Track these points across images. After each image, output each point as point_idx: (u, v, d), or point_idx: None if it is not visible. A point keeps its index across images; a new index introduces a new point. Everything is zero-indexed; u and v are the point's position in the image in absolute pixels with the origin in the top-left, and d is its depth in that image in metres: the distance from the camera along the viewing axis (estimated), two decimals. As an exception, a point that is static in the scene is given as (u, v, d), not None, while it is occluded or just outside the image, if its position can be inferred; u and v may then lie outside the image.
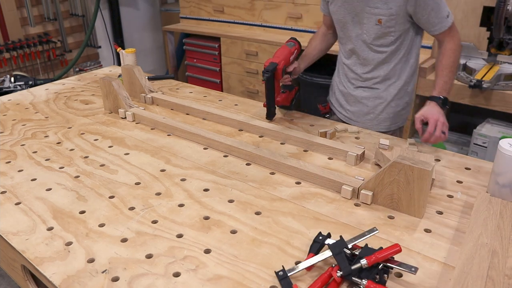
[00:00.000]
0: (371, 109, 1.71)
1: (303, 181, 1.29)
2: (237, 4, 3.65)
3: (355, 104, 1.74)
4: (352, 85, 1.73)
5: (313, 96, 2.42)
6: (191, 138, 1.56)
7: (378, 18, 1.51)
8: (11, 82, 2.64)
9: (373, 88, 1.68)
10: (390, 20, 1.50)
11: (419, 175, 1.06)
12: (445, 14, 1.49)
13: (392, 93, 1.67)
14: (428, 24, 1.51)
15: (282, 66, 1.57)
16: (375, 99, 1.69)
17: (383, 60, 1.61)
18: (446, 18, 1.49)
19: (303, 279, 0.92)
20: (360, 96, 1.71)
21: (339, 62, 1.81)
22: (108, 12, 4.35)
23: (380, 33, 1.54)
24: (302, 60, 1.81)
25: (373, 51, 1.61)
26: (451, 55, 1.52)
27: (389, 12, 1.49)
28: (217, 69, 3.83)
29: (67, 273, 0.95)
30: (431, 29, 1.52)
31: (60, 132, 1.67)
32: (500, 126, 2.56)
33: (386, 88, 1.66)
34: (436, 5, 1.46)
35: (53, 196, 1.24)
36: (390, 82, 1.65)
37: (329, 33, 1.82)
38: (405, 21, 1.52)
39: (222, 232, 1.07)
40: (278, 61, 1.57)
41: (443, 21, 1.49)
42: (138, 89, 1.97)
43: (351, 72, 1.71)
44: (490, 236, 0.99)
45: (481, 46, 2.68)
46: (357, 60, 1.66)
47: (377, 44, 1.58)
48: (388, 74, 1.63)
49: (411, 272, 0.88)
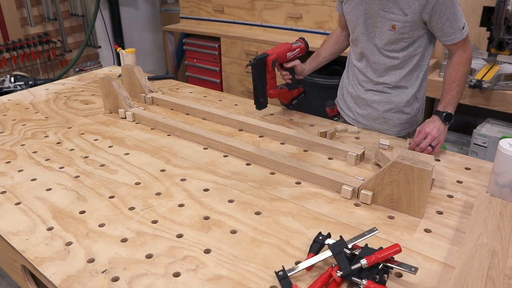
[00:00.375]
0: (381, 113, 1.66)
1: (303, 181, 1.29)
2: (237, 4, 3.65)
3: (364, 107, 1.69)
4: (362, 88, 1.68)
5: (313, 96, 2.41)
6: (191, 138, 1.56)
7: (393, 24, 1.47)
8: (11, 82, 2.64)
9: (384, 93, 1.63)
10: (405, 26, 1.46)
11: (419, 175, 1.06)
12: (461, 25, 1.44)
13: (404, 99, 1.62)
14: (442, 34, 1.47)
15: (273, 58, 1.59)
16: (386, 104, 1.64)
17: (395, 66, 1.56)
18: (461, 29, 1.45)
19: (303, 279, 0.92)
20: (371, 100, 1.66)
21: (349, 63, 1.76)
22: (108, 12, 4.35)
23: (393, 39, 1.50)
24: (311, 60, 1.78)
25: (384, 56, 1.56)
26: (461, 69, 1.48)
27: (404, 18, 1.44)
28: (217, 69, 3.83)
29: (67, 273, 0.95)
30: (444, 38, 1.48)
31: (60, 132, 1.67)
32: (500, 126, 2.56)
33: (397, 94, 1.62)
34: (452, 15, 1.42)
35: (53, 196, 1.24)
36: (402, 88, 1.61)
37: (343, 35, 1.77)
38: (420, 28, 1.47)
39: (222, 232, 1.07)
40: (270, 53, 1.60)
41: (457, 32, 1.45)
42: (138, 89, 1.97)
43: (361, 75, 1.66)
44: (490, 236, 0.99)
45: (481, 46, 2.68)
46: (367, 64, 1.62)
47: (389, 50, 1.54)
48: (400, 81, 1.59)
49: (411, 272, 0.88)
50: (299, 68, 1.69)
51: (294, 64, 1.67)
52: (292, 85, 1.73)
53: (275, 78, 1.68)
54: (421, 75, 1.61)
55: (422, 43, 1.53)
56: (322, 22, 3.21)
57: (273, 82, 1.67)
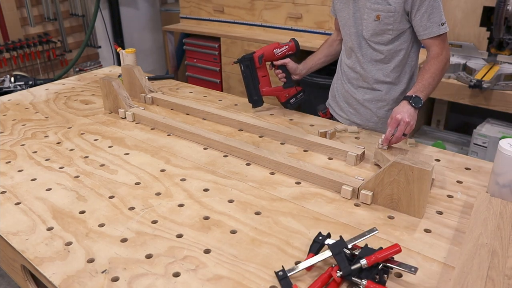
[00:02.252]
0: (374, 112, 1.70)
1: (303, 181, 1.29)
2: (237, 4, 3.65)
3: (357, 107, 1.73)
4: (352, 86, 1.72)
5: (313, 96, 2.41)
6: (191, 138, 1.56)
7: (377, 14, 1.52)
8: (11, 82, 2.63)
9: (374, 90, 1.67)
10: (388, 16, 1.51)
11: (419, 175, 1.06)
12: (440, 21, 1.47)
13: (394, 96, 1.66)
14: (420, 27, 1.50)
15: (259, 54, 1.70)
16: (377, 102, 1.68)
17: (381, 60, 1.61)
18: (438, 25, 1.47)
19: (303, 279, 0.92)
20: (362, 99, 1.70)
21: (340, 64, 1.81)
22: (108, 12, 4.35)
23: (378, 29, 1.55)
24: (306, 61, 1.83)
25: (371, 48, 1.61)
26: (436, 64, 1.48)
27: (387, 8, 1.49)
28: (217, 69, 3.83)
29: (67, 273, 0.95)
30: (421, 32, 1.50)
31: (60, 132, 1.67)
32: (500, 126, 2.56)
33: (387, 91, 1.65)
34: (431, 8, 1.46)
35: (53, 196, 1.24)
36: (391, 85, 1.65)
37: (338, 38, 1.82)
38: (404, 20, 1.52)
39: (222, 232, 1.07)
40: (257, 51, 1.71)
41: (434, 26, 1.47)
42: (138, 89, 1.97)
43: (351, 72, 1.71)
44: (490, 236, 0.99)
45: (481, 46, 2.68)
46: (356, 59, 1.66)
47: (375, 41, 1.58)
48: (388, 76, 1.63)
49: (411, 272, 0.88)
50: (291, 66, 1.74)
51: (284, 62, 1.73)
52: (287, 83, 1.76)
53: (267, 76, 1.75)
54: (409, 71, 1.64)
55: (407, 38, 1.57)
56: (322, 22, 3.21)
57: (265, 80, 1.74)
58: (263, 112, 1.79)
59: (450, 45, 2.67)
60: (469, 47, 2.69)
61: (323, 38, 2.54)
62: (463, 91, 2.49)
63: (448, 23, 1.60)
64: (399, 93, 1.66)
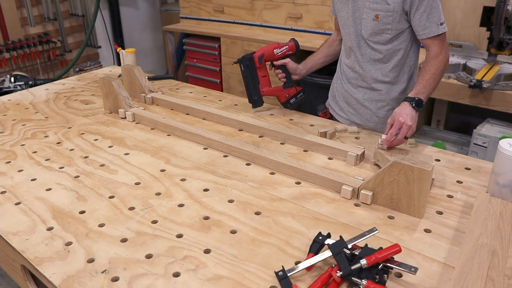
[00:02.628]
0: (374, 112, 1.70)
1: (303, 181, 1.29)
2: (237, 4, 3.65)
3: (356, 107, 1.73)
4: (352, 85, 1.72)
5: (313, 96, 2.41)
6: (191, 138, 1.56)
7: (376, 13, 1.52)
8: (11, 82, 2.63)
9: (374, 90, 1.67)
10: (387, 16, 1.51)
11: (419, 175, 1.06)
12: (439, 21, 1.47)
13: (393, 95, 1.66)
14: (419, 27, 1.50)
15: (259, 54, 1.70)
16: (377, 102, 1.68)
17: (379, 59, 1.61)
18: (438, 25, 1.47)
19: (303, 279, 0.92)
20: (362, 99, 1.70)
21: (339, 64, 1.81)
22: (108, 12, 4.35)
23: (377, 29, 1.55)
24: (306, 61, 1.83)
25: (370, 48, 1.61)
26: (436, 64, 1.48)
27: (386, 7, 1.50)
28: (217, 69, 3.83)
29: (67, 273, 0.95)
30: (420, 32, 1.50)
31: (60, 132, 1.67)
32: (500, 126, 2.56)
33: (387, 91, 1.65)
34: (430, 8, 1.46)
35: (53, 196, 1.24)
36: (390, 84, 1.64)
37: (338, 38, 1.82)
38: (403, 20, 1.52)
39: (222, 232, 1.07)
40: (257, 51, 1.71)
41: (433, 26, 1.47)
42: (138, 89, 1.97)
43: (350, 71, 1.71)
44: (490, 236, 0.99)
45: (481, 46, 2.68)
46: (355, 59, 1.66)
47: (374, 41, 1.58)
48: (387, 76, 1.63)
49: (411, 272, 0.88)
50: (291, 66, 1.74)
51: (284, 62, 1.73)
52: (287, 83, 1.76)
53: (267, 76, 1.75)
54: (408, 70, 1.64)
55: (406, 38, 1.57)
56: (322, 22, 3.21)
57: (265, 80, 1.75)
58: (263, 112, 1.79)
59: (450, 45, 2.67)
60: (469, 47, 2.69)
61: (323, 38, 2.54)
62: (463, 91, 2.49)
63: (448, 23, 1.61)
64: (398, 93, 1.66)
